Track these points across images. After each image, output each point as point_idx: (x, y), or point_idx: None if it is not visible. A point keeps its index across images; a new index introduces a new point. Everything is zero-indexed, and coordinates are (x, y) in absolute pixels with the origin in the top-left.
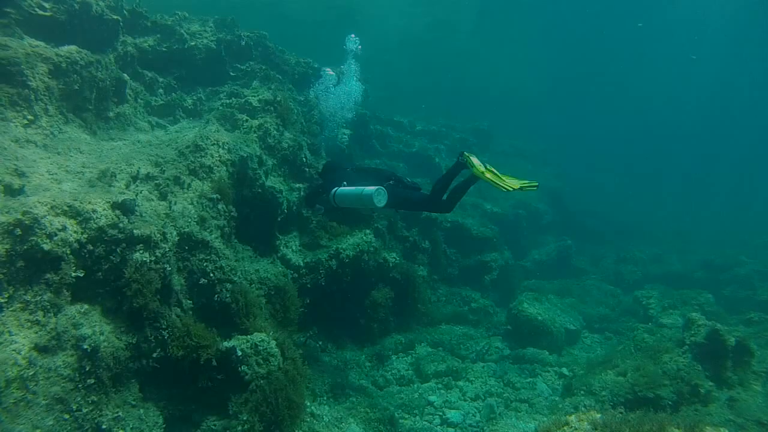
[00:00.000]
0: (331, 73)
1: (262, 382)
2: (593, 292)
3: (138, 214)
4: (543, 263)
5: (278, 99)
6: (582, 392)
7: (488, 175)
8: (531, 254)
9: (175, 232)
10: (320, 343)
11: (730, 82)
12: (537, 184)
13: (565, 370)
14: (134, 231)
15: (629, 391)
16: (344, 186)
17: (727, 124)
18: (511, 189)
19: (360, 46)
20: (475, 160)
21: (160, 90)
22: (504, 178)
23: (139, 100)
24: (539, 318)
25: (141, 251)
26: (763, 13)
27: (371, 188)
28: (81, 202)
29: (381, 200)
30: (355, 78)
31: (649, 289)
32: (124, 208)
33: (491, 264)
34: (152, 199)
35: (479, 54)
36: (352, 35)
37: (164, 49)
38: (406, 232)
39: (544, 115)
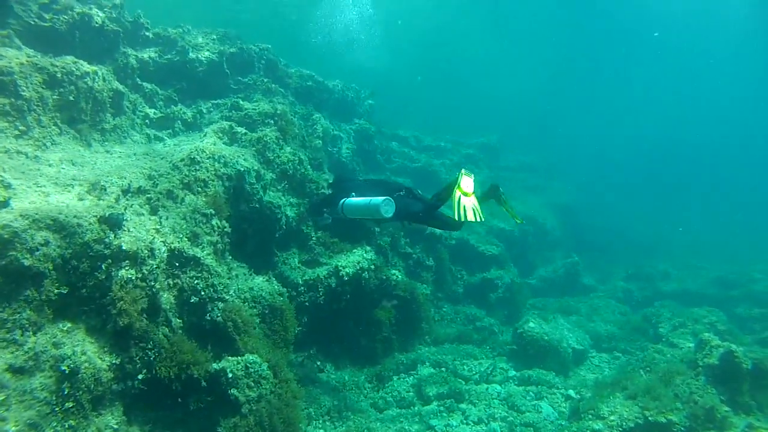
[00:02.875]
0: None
1: (253, 405)
2: (601, 310)
3: (126, 228)
4: (550, 280)
5: (279, 112)
6: (590, 416)
7: (463, 199)
8: (538, 271)
9: (164, 248)
10: (318, 363)
11: (745, 91)
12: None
13: (572, 393)
14: (121, 246)
15: (639, 415)
16: (353, 196)
17: (743, 135)
18: (476, 221)
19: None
20: (465, 182)
21: (160, 102)
22: (479, 211)
23: (137, 112)
24: (545, 338)
25: (127, 268)
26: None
27: (378, 199)
28: (66, 216)
29: (388, 210)
30: None
31: (659, 307)
32: (112, 223)
33: (497, 282)
34: (143, 214)
35: (489, 67)
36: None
37: (165, 61)
38: (410, 248)
39: (555, 128)
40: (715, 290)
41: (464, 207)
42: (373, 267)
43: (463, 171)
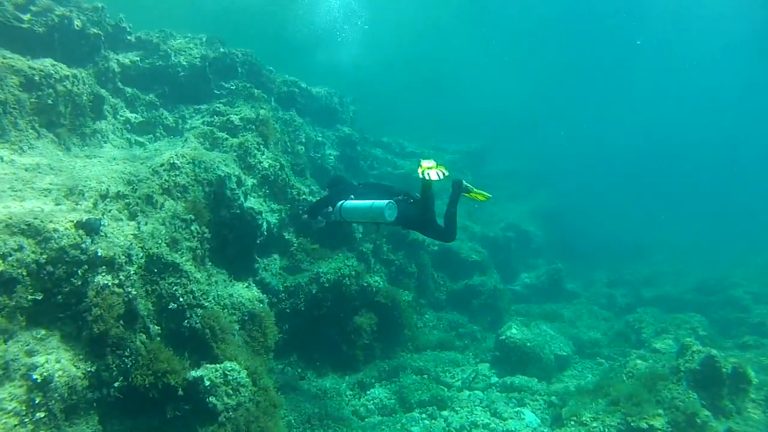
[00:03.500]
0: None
1: (232, 413)
2: (584, 316)
3: (103, 234)
4: (533, 287)
5: (260, 117)
6: (572, 423)
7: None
8: (521, 278)
9: (141, 254)
10: (300, 370)
11: (730, 96)
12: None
13: (554, 399)
14: (98, 252)
15: (621, 421)
16: (351, 199)
17: (729, 140)
18: (441, 178)
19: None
20: (425, 163)
21: (142, 107)
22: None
23: (118, 117)
24: (528, 344)
25: (104, 274)
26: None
27: (382, 202)
28: (42, 221)
29: (392, 214)
30: None
31: (641, 313)
32: (89, 228)
33: (479, 288)
34: (121, 219)
35: (474, 74)
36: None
37: (147, 66)
38: (393, 255)
39: (539, 134)
40: (696, 296)
41: (428, 173)
42: (354, 273)
43: (420, 160)
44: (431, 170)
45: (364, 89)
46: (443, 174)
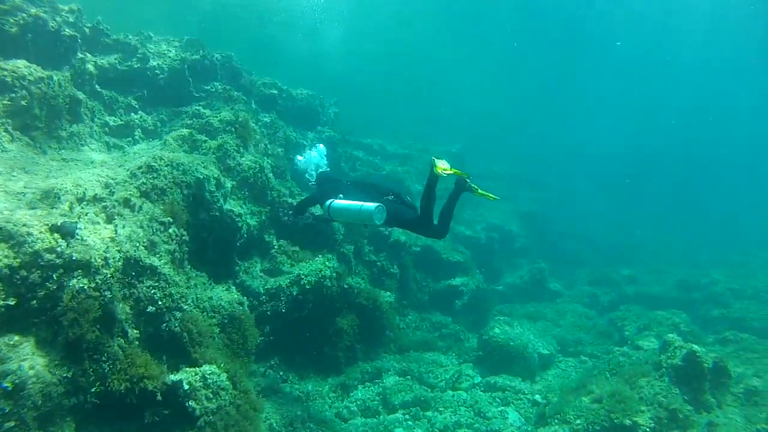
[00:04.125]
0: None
1: (212, 417)
2: (567, 315)
3: (79, 237)
4: (516, 287)
5: (240, 120)
6: (556, 421)
7: (451, 171)
8: (504, 278)
9: (119, 257)
10: (281, 373)
11: (707, 98)
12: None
13: (538, 398)
14: (73, 255)
15: (605, 418)
16: (340, 198)
17: (707, 140)
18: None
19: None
20: (440, 164)
21: (120, 110)
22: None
23: (95, 120)
24: (511, 343)
25: (79, 277)
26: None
27: (371, 204)
28: (15, 225)
29: (381, 217)
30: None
31: (624, 311)
32: (64, 232)
33: (462, 288)
34: (98, 222)
35: (455, 76)
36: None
37: (126, 68)
38: (374, 256)
39: (521, 136)
40: (677, 293)
41: (442, 171)
42: (335, 275)
43: (433, 158)
44: (445, 171)
45: (346, 91)
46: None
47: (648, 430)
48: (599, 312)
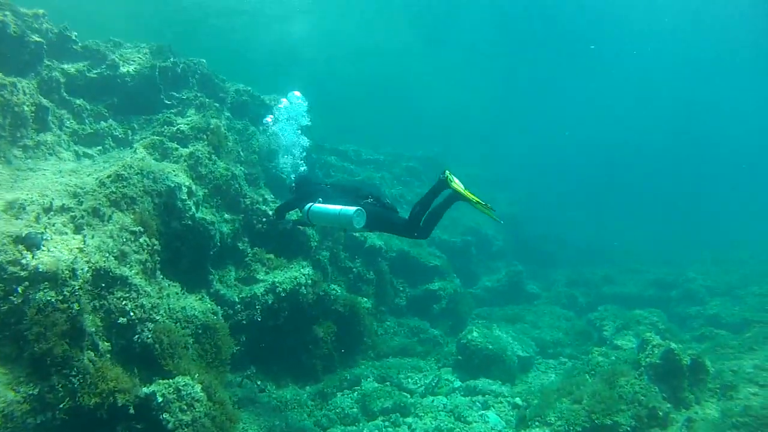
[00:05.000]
0: (270, 120)
1: (186, 430)
2: (546, 316)
3: (45, 249)
4: (494, 290)
5: (211, 127)
6: (536, 423)
7: (469, 195)
8: (482, 281)
9: (87, 268)
10: (259, 382)
11: (684, 99)
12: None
13: (518, 400)
14: (39, 267)
15: (586, 419)
16: (320, 202)
17: (682, 141)
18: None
19: None
20: (456, 181)
21: (90, 118)
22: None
23: (64, 128)
24: (490, 347)
25: (46, 290)
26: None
27: (350, 209)
28: None
29: (360, 221)
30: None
31: (602, 311)
32: (29, 243)
33: (440, 293)
34: (65, 233)
35: (429, 80)
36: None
37: (95, 75)
38: (350, 262)
39: (498, 140)
40: (654, 291)
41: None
42: (310, 282)
43: (447, 173)
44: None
45: (321, 97)
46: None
47: (628, 429)
48: (577, 313)
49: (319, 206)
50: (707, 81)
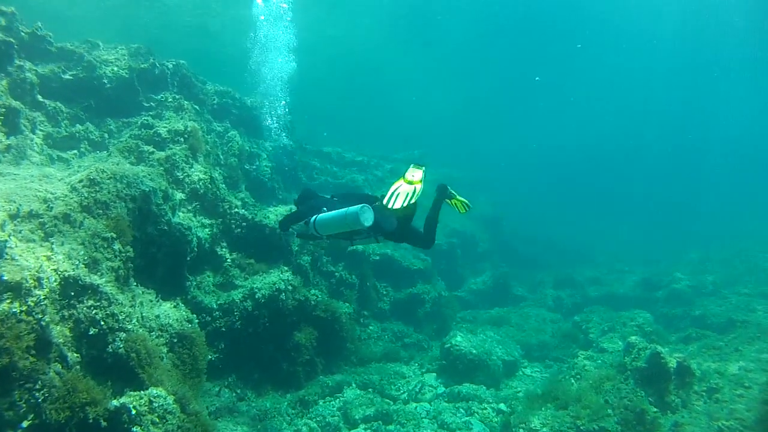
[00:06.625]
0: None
1: None
2: (532, 319)
3: (9, 257)
4: (479, 292)
5: (189, 130)
6: (521, 430)
7: (401, 187)
8: (467, 284)
9: (53, 277)
10: (238, 390)
11: (668, 99)
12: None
13: (503, 406)
14: (2, 277)
15: (571, 425)
16: (324, 211)
17: (666, 141)
18: (402, 206)
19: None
20: (411, 173)
21: (65, 121)
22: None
23: (37, 132)
24: (473, 351)
25: (9, 300)
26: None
27: (355, 207)
28: None
29: (368, 218)
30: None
31: (588, 313)
32: None
33: (424, 296)
34: (33, 240)
35: (412, 83)
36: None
37: (71, 77)
38: (332, 267)
39: (478, 141)
40: (640, 292)
41: (397, 194)
42: (290, 288)
43: (411, 165)
44: (401, 193)
45: (303, 100)
46: (407, 203)
47: None
48: (564, 315)
49: (323, 215)
50: (691, 81)
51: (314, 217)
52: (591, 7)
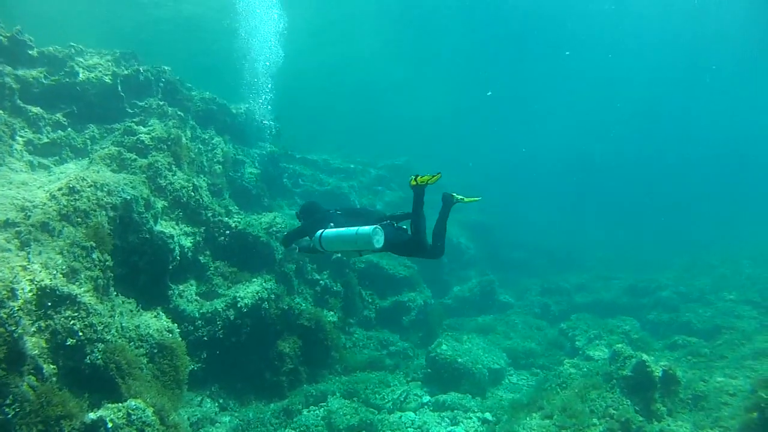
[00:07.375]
0: None
1: None
2: (519, 326)
3: None
4: (466, 300)
5: (172, 136)
6: None
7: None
8: (453, 291)
9: (28, 288)
10: (221, 400)
11: (655, 105)
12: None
13: (488, 415)
14: None
15: None
16: (331, 227)
17: (652, 148)
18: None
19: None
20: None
21: (47, 127)
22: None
23: (17, 138)
24: (459, 360)
25: None
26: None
27: (367, 228)
28: None
29: (379, 240)
30: None
31: (575, 320)
32: None
33: (409, 304)
34: (9, 249)
35: (400, 90)
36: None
37: (52, 83)
38: (317, 275)
39: (465, 147)
40: (627, 299)
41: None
42: (273, 296)
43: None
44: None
45: (289, 107)
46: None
47: None
48: (550, 322)
49: (331, 231)
50: (678, 87)
51: (320, 232)
52: (579, 15)
